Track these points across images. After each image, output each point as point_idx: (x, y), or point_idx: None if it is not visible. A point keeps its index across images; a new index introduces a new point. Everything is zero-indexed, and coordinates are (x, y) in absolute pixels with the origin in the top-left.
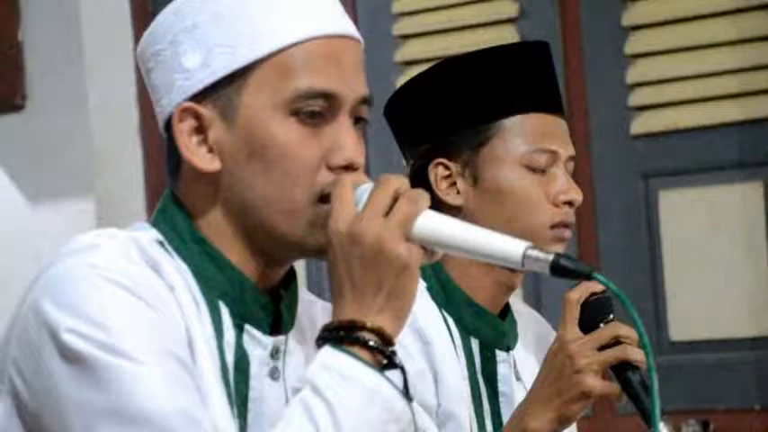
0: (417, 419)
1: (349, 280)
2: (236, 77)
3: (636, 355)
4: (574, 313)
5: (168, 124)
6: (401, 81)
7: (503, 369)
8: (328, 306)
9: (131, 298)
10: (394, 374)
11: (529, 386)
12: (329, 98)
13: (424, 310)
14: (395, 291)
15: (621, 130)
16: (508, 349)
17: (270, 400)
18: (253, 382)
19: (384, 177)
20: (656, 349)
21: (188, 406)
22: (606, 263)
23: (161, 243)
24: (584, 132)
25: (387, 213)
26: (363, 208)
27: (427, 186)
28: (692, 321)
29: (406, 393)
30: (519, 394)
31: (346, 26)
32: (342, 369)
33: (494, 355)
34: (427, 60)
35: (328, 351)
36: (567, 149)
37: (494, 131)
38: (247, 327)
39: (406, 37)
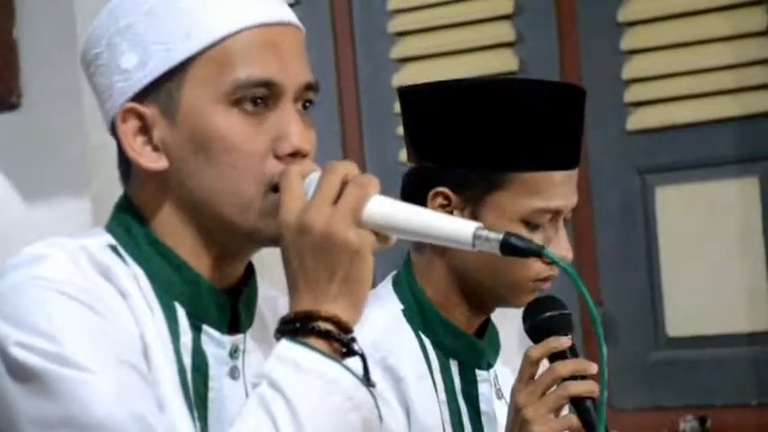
0: (381, 406)
1: (302, 271)
2: (174, 74)
3: (578, 388)
4: (529, 370)
5: (114, 127)
6: (397, 78)
7: (483, 388)
8: None
9: (80, 307)
10: (354, 362)
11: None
12: (270, 86)
13: (399, 338)
14: (348, 277)
15: (618, 126)
16: (489, 366)
17: (230, 400)
18: (212, 383)
19: (330, 164)
20: (654, 345)
21: (142, 412)
22: (603, 259)
23: (113, 248)
24: None
25: (336, 201)
26: (312, 196)
27: (420, 199)
28: (689, 317)
29: (367, 380)
30: (501, 412)
31: (283, 13)
32: (298, 361)
33: (474, 376)
34: (423, 57)
35: (284, 344)
36: (572, 202)
37: (507, 182)
38: (205, 327)
39: (402, 34)
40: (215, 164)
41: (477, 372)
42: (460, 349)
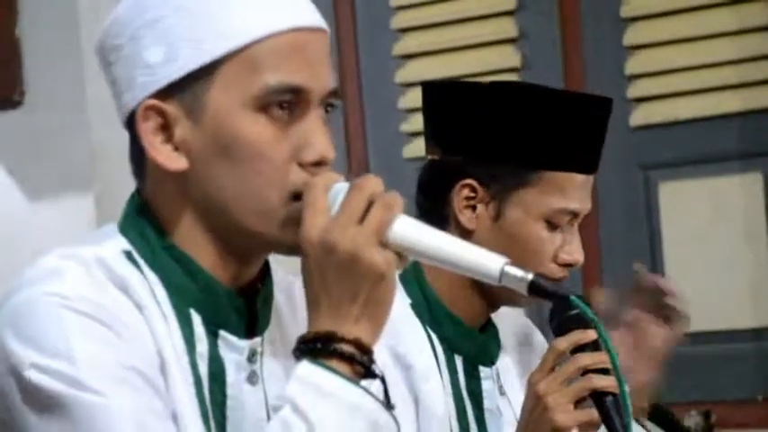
0: (402, 429)
1: (324, 290)
2: (201, 73)
3: (602, 381)
4: (552, 361)
5: (130, 121)
6: (400, 74)
7: (487, 385)
8: None
9: (97, 326)
10: (373, 384)
11: (513, 400)
12: (299, 93)
13: (408, 329)
14: (371, 300)
15: (621, 122)
16: (491, 363)
17: (249, 405)
18: (230, 391)
19: (358, 181)
20: None
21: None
22: (606, 255)
23: (128, 254)
24: None
25: (361, 220)
26: (337, 214)
27: (442, 191)
28: (693, 313)
29: (387, 403)
30: (504, 409)
31: (313, 17)
32: (320, 385)
33: (478, 372)
34: (426, 54)
35: (305, 366)
36: (587, 207)
37: (535, 179)
38: (222, 333)
39: (405, 30)
40: (239, 169)
41: (481, 368)
42: (466, 345)
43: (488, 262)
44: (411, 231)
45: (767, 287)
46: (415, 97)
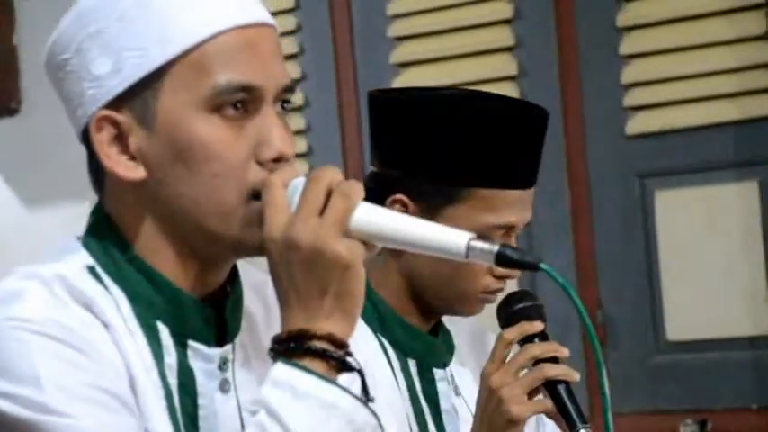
0: (383, 420)
1: (293, 287)
2: (149, 81)
3: (555, 370)
4: (502, 352)
5: (85, 135)
6: (396, 83)
7: (442, 387)
8: None
9: (62, 347)
10: (351, 377)
11: (469, 400)
12: (251, 91)
13: (360, 338)
14: (341, 292)
15: (617, 131)
16: (444, 365)
17: (222, 414)
18: (201, 401)
19: (314, 173)
20: (654, 349)
21: None
22: (602, 263)
23: (91, 269)
24: (580, 133)
25: (321, 212)
26: (297, 209)
27: (379, 203)
28: (689, 321)
29: (366, 397)
30: (460, 409)
31: (259, 13)
32: (294, 385)
33: (432, 374)
34: (422, 62)
35: (279, 367)
36: (525, 217)
37: (466, 196)
38: (190, 343)
39: (401, 39)
40: (196, 172)
41: (435, 370)
42: (418, 349)
43: (453, 238)
44: (373, 218)
45: (763, 295)
46: None
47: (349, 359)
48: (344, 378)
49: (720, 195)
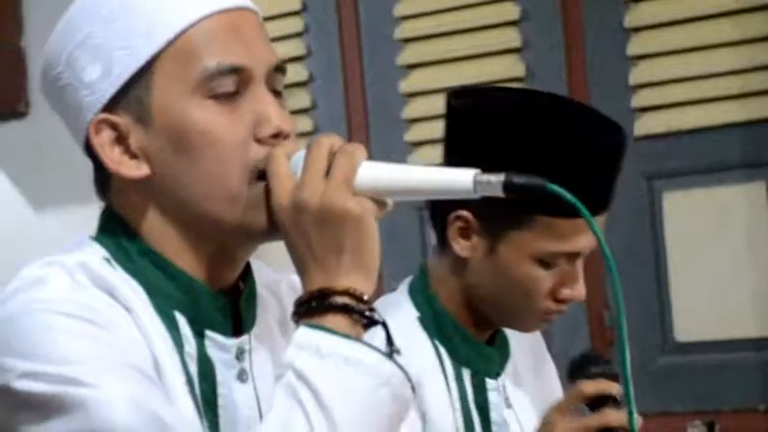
0: (410, 375)
1: (308, 250)
2: (140, 77)
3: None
4: (573, 402)
5: (88, 146)
6: (404, 85)
7: (493, 397)
8: (294, 280)
9: (82, 324)
10: (376, 331)
11: (519, 412)
12: (240, 72)
13: (414, 345)
14: (356, 248)
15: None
16: (497, 375)
17: (240, 403)
18: (220, 389)
19: (315, 139)
20: (662, 350)
21: (158, 414)
22: None
23: (108, 261)
24: None
25: (326, 173)
26: (302, 174)
27: (440, 216)
28: (697, 322)
29: (390, 350)
30: (510, 421)
31: None
32: (318, 346)
33: (484, 384)
34: (430, 63)
35: (303, 330)
36: (590, 245)
37: (533, 223)
38: (208, 333)
39: (409, 40)
40: (199, 160)
41: (487, 380)
42: (473, 358)
43: (460, 177)
44: (379, 172)
45: None
46: (419, 107)
47: (371, 313)
48: (368, 335)
49: (728, 196)
